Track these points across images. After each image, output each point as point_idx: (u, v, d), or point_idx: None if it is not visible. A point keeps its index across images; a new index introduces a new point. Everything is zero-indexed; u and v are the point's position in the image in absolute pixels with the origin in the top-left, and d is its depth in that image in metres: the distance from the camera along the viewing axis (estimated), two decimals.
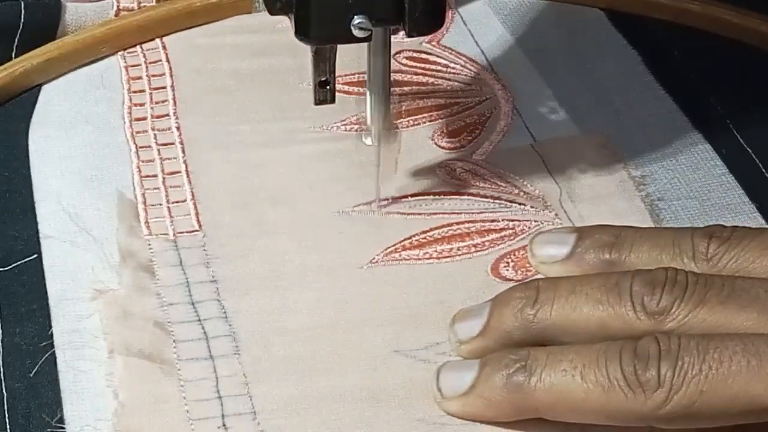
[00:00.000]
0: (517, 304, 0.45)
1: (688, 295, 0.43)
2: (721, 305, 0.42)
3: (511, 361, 0.43)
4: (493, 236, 0.51)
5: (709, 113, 0.58)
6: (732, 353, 0.41)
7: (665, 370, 0.41)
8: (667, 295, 0.43)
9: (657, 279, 0.43)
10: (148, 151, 0.56)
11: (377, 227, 0.52)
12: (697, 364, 0.41)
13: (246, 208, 0.53)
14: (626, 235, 0.47)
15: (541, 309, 0.44)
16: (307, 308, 0.48)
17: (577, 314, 0.44)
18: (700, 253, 0.45)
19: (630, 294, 0.43)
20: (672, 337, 0.41)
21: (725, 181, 0.54)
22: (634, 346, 0.42)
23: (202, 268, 0.50)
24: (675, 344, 0.41)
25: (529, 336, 0.44)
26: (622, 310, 0.43)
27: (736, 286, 0.43)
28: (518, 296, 0.45)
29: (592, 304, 0.44)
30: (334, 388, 0.45)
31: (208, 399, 0.45)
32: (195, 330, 0.47)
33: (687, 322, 0.42)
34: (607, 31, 0.63)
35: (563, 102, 0.58)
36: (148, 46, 0.62)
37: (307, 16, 0.47)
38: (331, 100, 0.51)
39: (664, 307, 0.43)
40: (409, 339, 0.47)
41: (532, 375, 0.42)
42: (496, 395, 0.43)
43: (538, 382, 0.42)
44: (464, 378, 0.44)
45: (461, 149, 0.56)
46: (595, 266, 0.47)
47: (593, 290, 0.44)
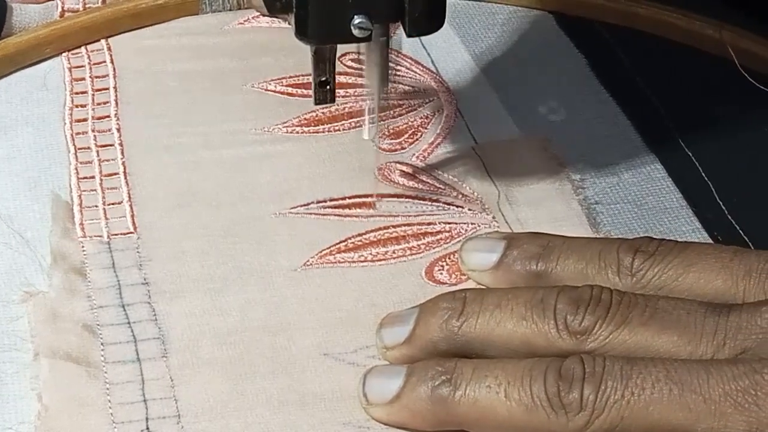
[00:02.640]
0: (443, 315, 0.44)
1: (610, 316, 0.43)
2: (643, 326, 0.43)
3: (437, 372, 0.43)
4: (429, 239, 0.51)
5: (652, 117, 0.57)
6: (655, 380, 0.41)
7: (588, 393, 0.41)
8: (590, 315, 0.43)
9: (581, 297, 0.43)
10: (87, 152, 0.55)
11: (313, 229, 0.51)
12: (620, 389, 0.41)
13: (182, 210, 0.52)
14: (554, 246, 0.47)
15: (466, 322, 0.44)
16: (237, 311, 0.48)
17: (501, 329, 0.44)
18: (624, 267, 0.45)
19: (554, 312, 0.43)
20: (597, 359, 0.41)
21: (664, 185, 0.54)
22: (559, 367, 0.42)
23: (134, 270, 0.50)
24: (600, 367, 0.41)
25: (454, 348, 0.44)
26: (545, 328, 0.43)
27: (658, 307, 0.43)
28: (444, 307, 0.45)
29: (516, 320, 0.44)
30: (260, 391, 0.45)
31: (132, 402, 0.44)
32: (124, 333, 0.47)
33: (608, 342, 0.43)
34: (554, 35, 0.63)
35: (507, 105, 0.58)
36: (93, 47, 0.62)
37: (307, 16, 0.47)
38: (331, 100, 0.51)
39: (586, 327, 0.43)
40: (339, 342, 0.47)
41: (456, 389, 0.42)
42: (420, 407, 0.43)
43: (463, 397, 0.42)
44: (390, 386, 0.43)
45: (402, 151, 0.56)
46: (523, 277, 0.47)
47: (518, 306, 0.44)
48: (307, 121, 0.57)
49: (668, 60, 0.61)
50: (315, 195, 0.53)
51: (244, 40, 0.62)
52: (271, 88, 0.59)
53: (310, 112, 0.57)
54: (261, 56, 0.61)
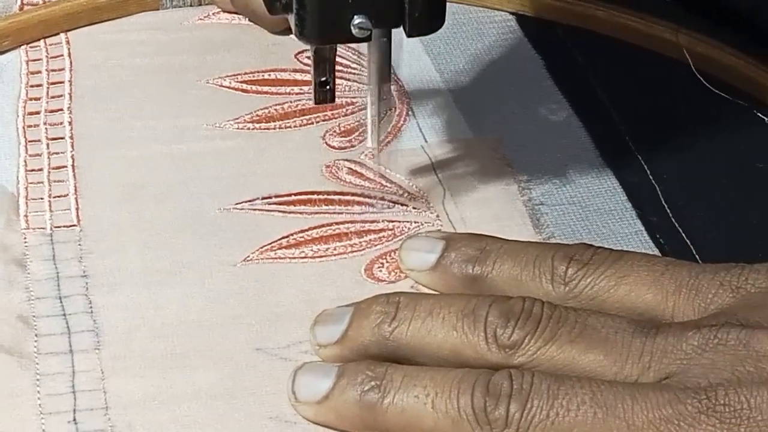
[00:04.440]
0: (376, 318, 0.44)
1: (540, 330, 0.43)
2: (571, 344, 0.43)
3: (366, 377, 0.43)
4: (372, 237, 0.51)
5: (604, 119, 0.57)
6: (580, 402, 0.41)
7: (514, 411, 0.41)
8: (520, 329, 0.43)
9: (512, 310, 0.43)
10: (37, 145, 0.55)
11: (256, 225, 0.52)
12: (545, 409, 0.41)
13: (127, 204, 0.53)
14: (490, 250, 0.47)
15: (398, 328, 0.44)
16: (174, 305, 0.48)
17: (432, 338, 0.44)
18: (558, 276, 0.46)
19: (484, 323, 0.43)
20: (525, 376, 0.41)
21: (610, 187, 0.53)
22: (487, 381, 0.42)
23: (74, 262, 0.50)
24: (527, 384, 0.41)
25: (385, 352, 0.44)
26: (475, 340, 0.43)
27: (588, 324, 0.43)
28: (378, 310, 0.45)
29: (447, 330, 0.44)
30: (189, 384, 0.45)
31: (61, 393, 0.44)
32: (59, 324, 0.47)
33: (536, 358, 0.43)
34: (513, 36, 0.63)
35: (460, 104, 0.58)
36: (52, 40, 0.62)
37: (307, 16, 0.47)
38: (330, 100, 0.51)
39: (515, 341, 0.43)
40: (272, 337, 0.47)
41: (385, 396, 0.42)
42: (348, 411, 0.43)
43: (391, 405, 0.42)
44: (320, 386, 0.43)
45: (351, 149, 0.56)
46: (460, 279, 0.47)
47: (450, 315, 0.44)
48: (259, 117, 0.57)
49: (625, 63, 0.61)
50: (261, 191, 0.53)
51: (203, 36, 0.62)
52: (226, 84, 0.59)
53: (263, 109, 0.57)
54: (218, 52, 0.61)
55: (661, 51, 0.61)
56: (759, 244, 0.51)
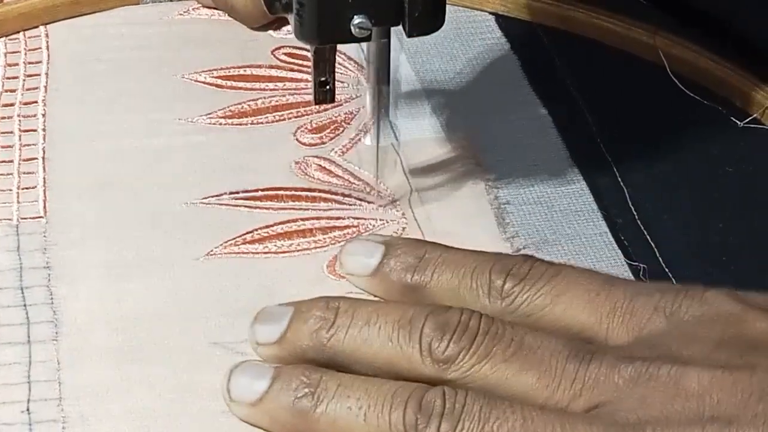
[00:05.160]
0: (314, 323, 0.44)
1: (475, 347, 0.43)
2: (505, 363, 0.42)
3: (301, 383, 0.43)
4: (336, 233, 0.51)
5: (576, 120, 0.57)
6: (510, 428, 0.40)
7: (444, 430, 0.41)
8: (455, 343, 0.43)
9: (448, 323, 0.43)
10: (9, 136, 0.56)
11: (221, 220, 0.52)
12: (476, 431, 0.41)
13: (95, 197, 0.53)
14: (430, 259, 0.47)
15: (335, 335, 0.44)
16: (134, 298, 0.48)
17: (368, 347, 0.44)
18: (495, 290, 0.45)
19: (420, 336, 0.43)
20: (458, 396, 0.41)
21: (578, 188, 0.53)
22: (421, 397, 0.41)
23: (38, 253, 0.50)
24: (459, 404, 0.41)
25: (322, 358, 0.44)
26: (410, 351, 0.43)
27: (523, 343, 0.43)
28: (317, 315, 0.45)
29: (383, 340, 0.44)
30: (145, 377, 0.45)
31: (16, 383, 0.45)
32: (18, 315, 0.47)
33: (469, 375, 0.42)
34: (491, 35, 0.63)
35: (433, 103, 0.58)
36: (31, 33, 0.62)
37: (307, 16, 0.47)
38: (330, 100, 0.51)
39: (449, 356, 0.43)
40: (231, 332, 0.47)
41: (318, 404, 0.42)
42: (280, 415, 0.43)
43: (323, 414, 0.42)
44: (254, 387, 0.43)
45: (321, 145, 0.56)
46: (398, 287, 0.47)
47: (387, 324, 0.44)
48: (232, 113, 0.57)
49: (602, 65, 0.61)
50: (229, 186, 0.53)
51: (182, 31, 0.62)
52: (201, 80, 0.59)
53: (237, 104, 0.58)
54: (195, 47, 0.61)
55: (638, 53, 0.61)
56: (724, 248, 0.51)
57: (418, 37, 0.49)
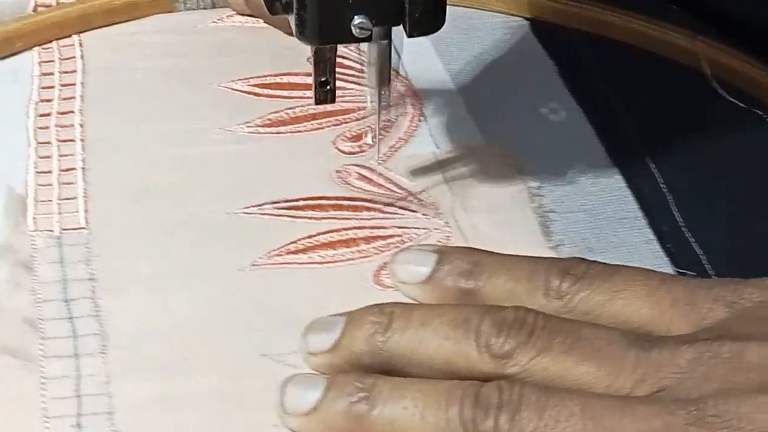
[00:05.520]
0: (369, 328, 0.44)
1: (533, 341, 0.42)
2: (564, 354, 0.42)
3: (355, 389, 0.42)
4: (380, 243, 0.51)
5: (617, 126, 0.57)
6: (570, 413, 0.40)
7: (503, 422, 0.40)
8: (512, 339, 0.42)
9: (505, 320, 0.43)
10: (47, 147, 0.55)
11: (264, 230, 0.51)
12: (535, 420, 0.40)
13: (136, 208, 0.52)
14: (484, 264, 0.47)
15: (391, 338, 0.44)
16: (181, 309, 0.48)
17: (425, 348, 0.43)
18: (552, 290, 0.45)
19: (477, 333, 0.43)
20: (515, 388, 0.41)
21: (621, 196, 0.53)
22: (477, 392, 0.41)
23: (81, 265, 0.49)
24: (516, 395, 0.41)
25: (377, 362, 0.44)
26: (468, 349, 0.43)
27: (581, 335, 0.42)
28: (371, 320, 0.44)
29: (440, 340, 0.43)
30: (194, 390, 0.45)
31: (66, 397, 0.44)
32: (64, 327, 0.47)
33: (529, 368, 0.42)
34: (528, 41, 0.62)
35: (471, 110, 0.58)
36: (65, 42, 0.62)
37: (308, 16, 0.47)
38: (331, 100, 0.51)
39: (508, 351, 0.42)
40: (279, 343, 0.46)
41: (374, 407, 0.42)
42: (336, 422, 0.42)
43: (379, 416, 0.42)
44: (308, 397, 0.43)
45: (361, 154, 0.55)
46: (453, 293, 0.47)
47: (443, 324, 0.44)
48: (270, 121, 0.57)
49: (639, 70, 0.60)
50: (270, 195, 0.53)
51: (216, 39, 0.62)
52: (238, 88, 0.59)
53: (274, 113, 0.57)
54: (230, 55, 0.61)
55: (676, 58, 0.61)
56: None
57: (418, 37, 0.48)
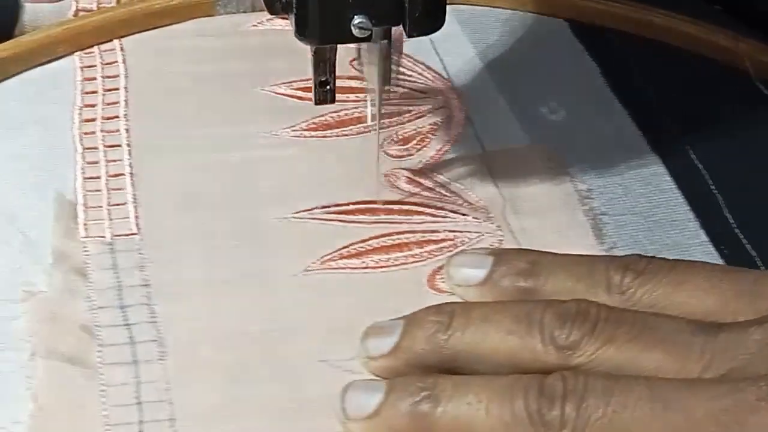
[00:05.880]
0: (430, 327, 0.44)
1: (597, 331, 0.42)
2: (630, 343, 0.42)
3: (417, 388, 0.42)
4: (432, 247, 0.51)
5: (662, 128, 0.57)
6: (637, 398, 0.40)
7: (569, 411, 0.40)
8: (577, 330, 0.42)
9: (568, 312, 0.43)
10: (94, 152, 0.55)
11: (316, 235, 0.51)
12: (602, 407, 0.40)
13: (186, 213, 0.52)
14: (542, 263, 0.47)
15: (453, 335, 0.44)
16: (237, 315, 0.48)
17: (488, 343, 0.43)
18: (614, 285, 0.45)
19: (540, 326, 0.43)
20: (579, 377, 0.41)
21: (672, 197, 0.53)
22: (540, 383, 0.41)
23: (135, 271, 0.49)
24: (581, 384, 0.41)
25: (440, 361, 0.44)
26: (532, 342, 0.43)
27: (646, 324, 0.42)
28: (431, 320, 0.44)
29: (503, 334, 0.43)
30: (256, 396, 0.45)
31: (127, 404, 0.44)
32: (121, 334, 0.47)
33: (595, 358, 0.42)
34: (568, 42, 0.62)
35: (517, 112, 0.58)
36: (106, 47, 0.62)
37: (307, 16, 0.47)
38: (331, 100, 0.51)
39: (573, 342, 0.42)
40: (336, 349, 0.46)
41: (437, 405, 0.42)
42: (400, 423, 0.42)
43: (443, 413, 0.42)
44: (369, 401, 0.43)
45: (409, 157, 0.55)
46: (511, 293, 0.46)
47: (505, 319, 0.43)
48: (316, 125, 0.57)
49: (682, 70, 0.60)
50: (319, 200, 0.53)
51: (258, 42, 0.62)
52: (281, 92, 0.59)
53: (319, 117, 0.57)
54: (273, 59, 0.61)
55: (719, 58, 0.60)
56: None
57: (418, 37, 0.48)
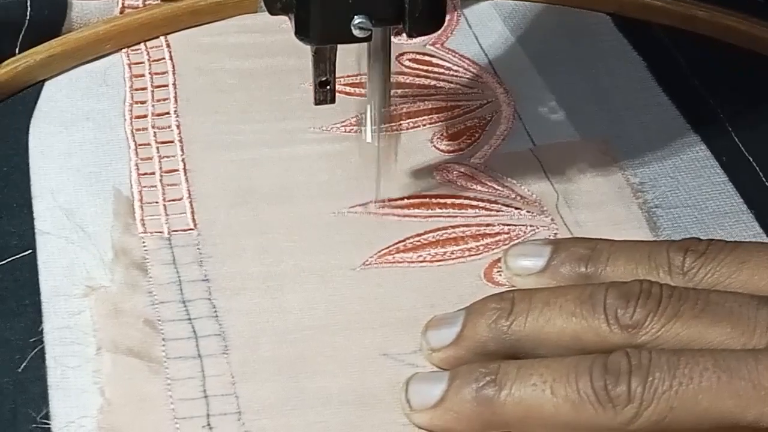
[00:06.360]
0: (492, 315, 0.44)
1: (662, 309, 0.42)
2: (695, 319, 0.42)
3: (480, 374, 0.43)
4: (488, 241, 0.51)
5: (711, 120, 0.57)
6: (703, 369, 0.40)
7: (635, 386, 0.40)
8: (641, 308, 0.43)
9: (631, 291, 0.43)
10: (147, 148, 0.56)
11: (372, 229, 0.52)
12: (668, 380, 0.40)
13: (242, 208, 0.53)
14: (602, 248, 0.47)
15: (515, 321, 0.44)
16: (297, 309, 0.48)
17: (551, 326, 0.44)
18: (675, 267, 0.45)
19: (604, 306, 0.43)
20: (643, 352, 0.41)
21: (724, 189, 0.53)
22: (604, 361, 0.41)
23: (195, 266, 0.50)
24: (646, 359, 0.41)
25: (503, 347, 0.44)
26: (596, 323, 0.43)
27: (710, 300, 0.43)
28: (493, 307, 0.45)
29: (566, 317, 0.43)
30: (320, 390, 0.45)
31: (193, 398, 0.45)
32: (185, 329, 0.47)
33: (661, 335, 0.42)
34: (612, 36, 0.62)
35: (565, 106, 0.58)
36: (152, 44, 0.62)
37: (307, 16, 0.47)
38: (331, 100, 0.51)
39: (638, 321, 0.42)
40: (398, 342, 0.47)
41: (502, 389, 0.42)
42: (465, 409, 0.42)
43: (508, 396, 0.42)
44: (433, 390, 0.43)
45: (460, 152, 0.56)
46: (571, 279, 0.47)
47: (567, 302, 0.44)
48: None
49: (727, 63, 0.60)
50: (372, 194, 0.53)
51: None
52: None
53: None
54: None
55: (764, 51, 0.61)
56: None
57: (418, 37, 0.49)
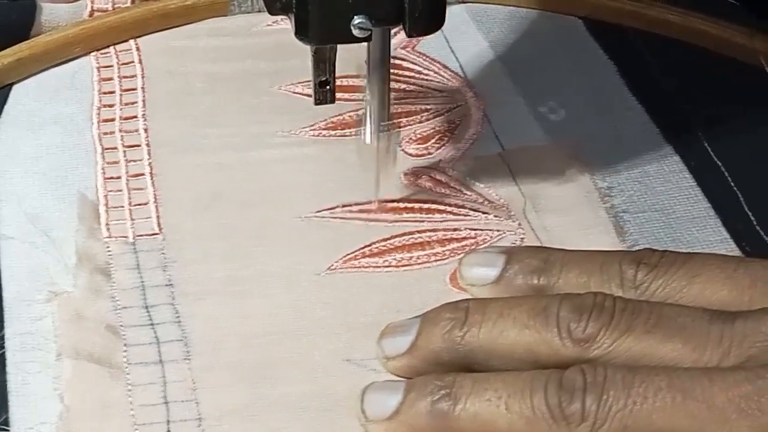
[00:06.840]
0: (446, 325, 0.44)
1: (614, 323, 0.42)
2: (647, 334, 0.42)
3: (436, 387, 0.42)
4: (454, 245, 0.51)
5: (681, 125, 0.57)
6: (657, 388, 0.40)
7: (590, 403, 0.40)
8: (594, 322, 0.42)
9: (584, 305, 0.43)
10: (113, 152, 0.55)
11: (337, 234, 0.51)
12: (622, 398, 0.40)
13: (208, 212, 0.52)
14: (555, 260, 0.46)
15: (469, 332, 0.44)
16: (261, 314, 0.48)
17: (504, 338, 0.43)
18: (627, 280, 0.45)
19: (557, 319, 0.43)
20: (598, 369, 0.41)
21: (692, 195, 0.53)
22: (560, 377, 0.41)
23: (159, 271, 0.50)
24: (601, 376, 0.41)
25: (456, 358, 0.44)
26: (549, 336, 0.43)
27: (663, 314, 0.42)
28: (447, 317, 0.44)
29: (519, 329, 0.43)
30: (282, 396, 0.45)
31: (154, 404, 0.44)
32: (147, 334, 0.47)
33: (612, 350, 0.42)
34: (583, 41, 0.62)
35: (534, 111, 0.58)
36: (122, 47, 0.62)
37: (307, 16, 0.47)
38: (330, 101, 0.51)
39: (590, 335, 0.42)
40: (362, 348, 0.46)
41: (456, 403, 0.42)
42: (420, 422, 0.42)
43: (463, 411, 0.42)
44: (389, 401, 0.43)
45: (428, 156, 0.55)
46: (524, 291, 0.46)
47: (521, 314, 0.43)
48: (334, 124, 0.57)
49: (698, 67, 0.60)
50: (340, 199, 0.53)
51: (273, 41, 0.62)
52: (299, 91, 0.59)
53: (338, 116, 0.57)
54: (289, 58, 0.61)
55: (735, 55, 0.61)
56: None
57: (417, 37, 0.48)
